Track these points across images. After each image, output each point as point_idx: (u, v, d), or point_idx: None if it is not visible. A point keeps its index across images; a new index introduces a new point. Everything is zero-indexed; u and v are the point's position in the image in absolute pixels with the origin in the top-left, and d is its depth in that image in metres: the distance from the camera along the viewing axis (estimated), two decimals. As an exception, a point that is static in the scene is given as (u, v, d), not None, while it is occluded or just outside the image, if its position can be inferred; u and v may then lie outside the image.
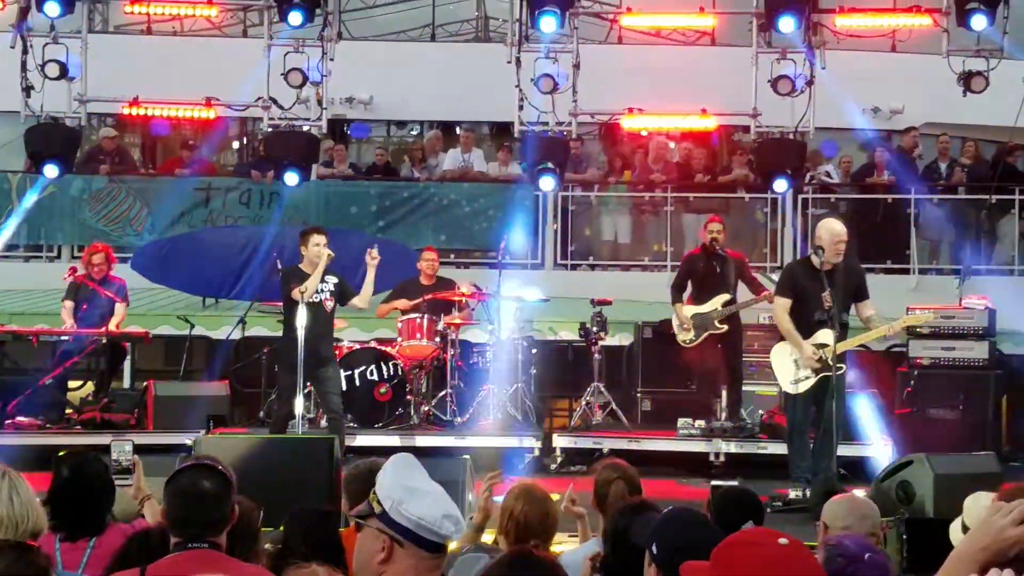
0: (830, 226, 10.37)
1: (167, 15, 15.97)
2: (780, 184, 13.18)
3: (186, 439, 10.46)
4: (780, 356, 10.32)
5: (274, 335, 13.42)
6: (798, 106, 12.91)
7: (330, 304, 10.94)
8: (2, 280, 16.00)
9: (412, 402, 12.41)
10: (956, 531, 5.32)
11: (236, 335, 13.80)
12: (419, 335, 12.41)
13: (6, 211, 15.99)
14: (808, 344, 10.01)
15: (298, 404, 11.10)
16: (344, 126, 18.80)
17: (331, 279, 10.90)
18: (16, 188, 16.22)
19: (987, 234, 16.09)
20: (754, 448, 11.84)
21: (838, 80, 14.19)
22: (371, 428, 12.14)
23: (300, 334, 10.61)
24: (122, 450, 5.50)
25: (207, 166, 17.30)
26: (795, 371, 10.13)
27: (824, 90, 13.40)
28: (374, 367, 12.36)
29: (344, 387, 11.67)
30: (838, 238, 10.05)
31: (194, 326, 13.73)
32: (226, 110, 14.24)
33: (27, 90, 13.03)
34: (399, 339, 12.53)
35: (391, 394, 12.41)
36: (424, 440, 11.82)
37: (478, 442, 11.89)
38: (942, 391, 12.23)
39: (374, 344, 12.68)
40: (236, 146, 19.85)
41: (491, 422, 12.37)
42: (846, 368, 10.08)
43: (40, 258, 17.00)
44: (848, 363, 10.57)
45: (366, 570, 3.36)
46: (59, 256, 16.59)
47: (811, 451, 10.16)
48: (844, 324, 10.05)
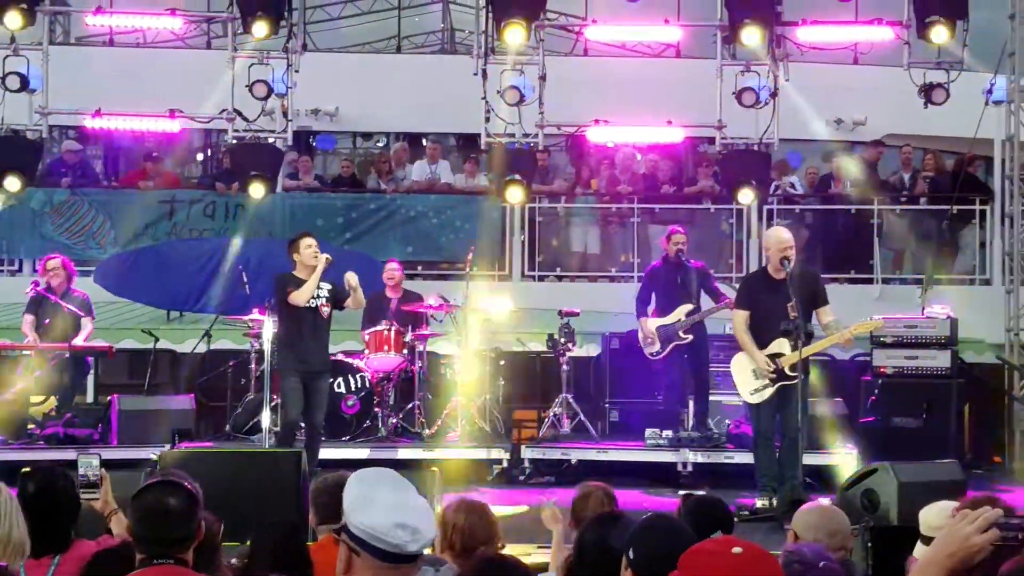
0: (776, 234, 10.42)
1: (130, 27, 15.89)
2: (745, 195, 13.25)
3: (151, 454, 10.40)
4: (739, 367, 10.36)
5: (240, 348, 13.43)
6: (762, 118, 13.00)
7: (326, 311, 10.69)
8: (-37, 295, 15.85)
9: (380, 414, 12.39)
10: (919, 548, 5.33)
11: (201, 348, 13.76)
12: (386, 347, 12.39)
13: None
14: (762, 354, 10.06)
15: (265, 416, 11.09)
16: (310, 138, 18.76)
17: (325, 285, 10.67)
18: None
19: (949, 244, 16.21)
20: (721, 458, 11.87)
21: (802, 92, 14.33)
22: (339, 441, 12.09)
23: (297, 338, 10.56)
24: (89, 464, 5.43)
25: (171, 178, 17.22)
26: (753, 381, 10.18)
27: (788, 102, 13.52)
28: (341, 380, 12.33)
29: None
30: (784, 245, 10.07)
31: (158, 340, 13.64)
32: (190, 122, 14.17)
33: (-12, 102, 12.97)
34: (366, 351, 12.50)
35: (359, 407, 12.38)
36: (392, 452, 11.81)
37: (446, 454, 11.90)
38: (906, 400, 12.30)
39: (341, 356, 12.62)
40: (201, 158, 19.75)
41: (459, 434, 12.38)
42: (803, 377, 10.03)
43: (1, 272, 16.79)
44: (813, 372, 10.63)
45: None
46: (20, 270, 16.40)
47: (777, 460, 10.20)
48: (809, 333, 10.08)
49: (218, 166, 18.14)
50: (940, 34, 12.35)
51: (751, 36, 12.58)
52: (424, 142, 17.94)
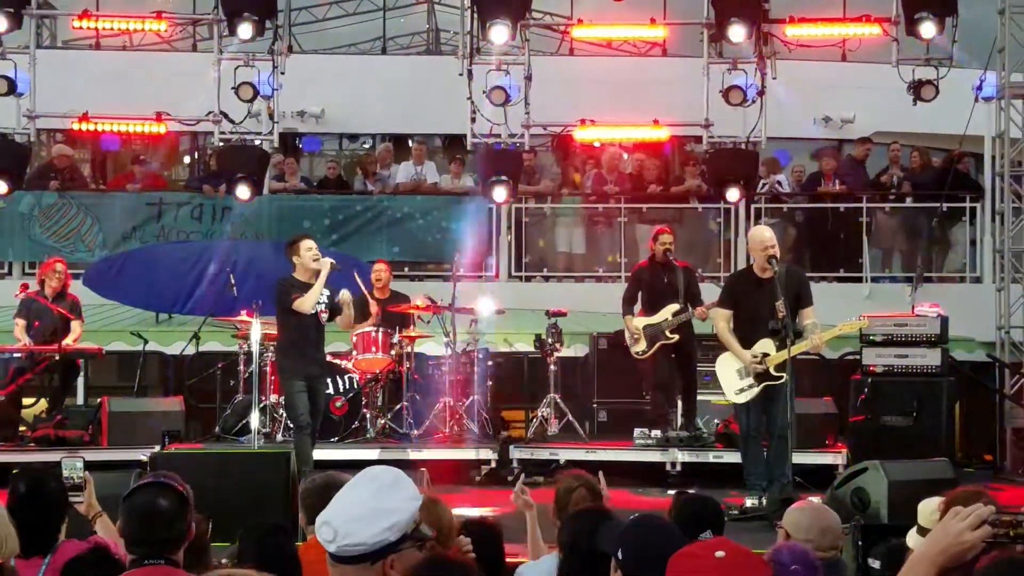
0: (757, 234, 10.40)
1: (116, 30, 15.85)
2: (732, 194, 13.26)
3: (141, 455, 10.39)
4: (724, 366, 10.34)
5: (228, 350, 13.42)
6: (750, 116, 13.00)
7: (324, 316, 10.55)
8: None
9: (368, 415, 12.38)
10: (912, 537, 5.34)
11: (190, 350, 13.74)
12: (374, 348, 12.38)
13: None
14: (747, 352, 10.05)
15: (254, 418, 11.06)
16: (296, 140, 18.73)
17: (324, 291, 10.48)
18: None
19: (939, 242, 16.21)
20: (710, 457, 11.87)
21: (789, 90, 14.32)
22: (327, 442, 12.04)
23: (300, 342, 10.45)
24: (73, 467, 5.43)
25: (158, 181, 17.18)
26: (738, 381, 10.16)
27: (775, 100, 13.51)
28: (329, 381, 12.27)
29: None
30: (767, 244, 10.05)
31: (147, 342, 13.64)
32: (177, 125, 14.15)
33: (-25, 106, 12.96)
34: (354, 352, 12.49)
35: (347, 407, 12.38)
36: (380, 453, 11.79)
37: (434, 454, 11.88)
38: (896, 398, 12.26)
39: (329, 357, 12.59)
40: (187, 161, 19.72)
41: (447, 434, 12.37)
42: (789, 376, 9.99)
43: (-10, 275, 16.81)
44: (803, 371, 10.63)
45: None
46: (10, 273, 16.39)
47: (766, 459, 10.18)
48: (799, 332, 10.05)
49: (205, 168, 18.10)
50: (929, 30, 12.35)
51: (737, 34, 12.57)
52: (410, 143, 17.92)
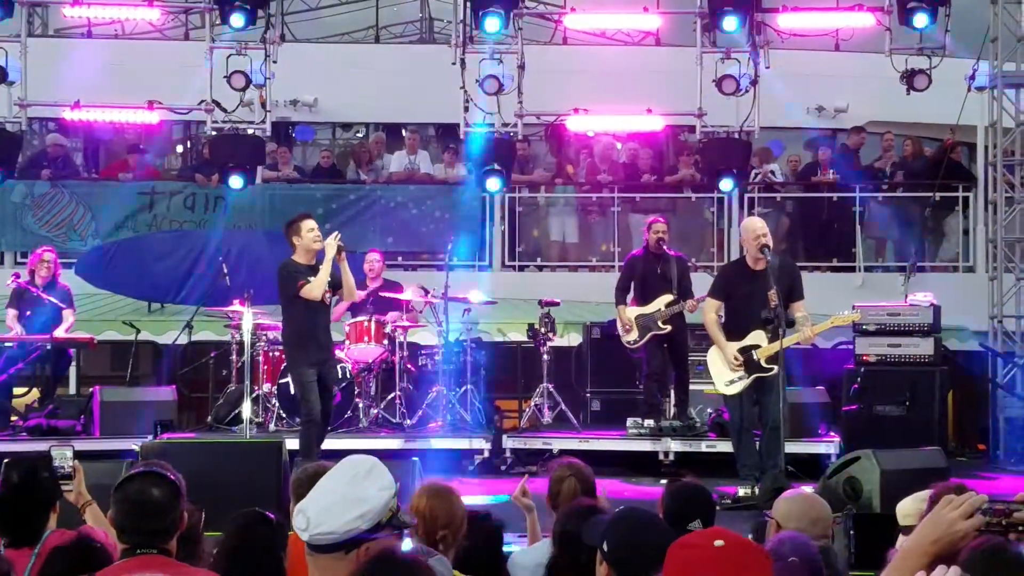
0: (749, 224, 10.45)
1: (107, 18, 15.79)
2: (726, 183, 13.25)
3: (133, 445, 10.40)
4: (714, 358, 10.36)
5: (221, 339, 13.41)
6: (743, 106, 12.98)
7: (329, 295, 10.30)
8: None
9: (361, 405, 12.37)
10: (901, 541, 5.32)
11: (183, 340, 13.73)
12: (367, 338, 12.38)
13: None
14: (732, 345, 10.05)
15: (246, 408, 11.06)
16: (289, 129, 18.66)
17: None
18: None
19: (932, 231, 16.22)
20: (702, 446, 11.88)
21: (782, 79, 14.31)
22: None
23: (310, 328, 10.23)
24: (63, 456, 5.43)
25: (151, 170, 17.15)
26: (728, 372, 10.17)
27: (769, 89, 13.48)
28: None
29: (292, 391, 11.45)
30: (758, 234, 10.05)
31: (140, 331, 13.66)
32: (169, 113, 14.11)
33: (-34, 95, 12.91)
34: (346, 342, 12.47)
35: (340, 397, 12.34)
36: (373, 443, 11.76)
37: (427, 444, 11.88)
38: (889, 388, 12.29)
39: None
40: (180, 150, 19.67)
41: (440, 424, 12.36)
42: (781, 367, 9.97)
43: (-18, 265, 16.80)
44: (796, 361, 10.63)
45: None
46: (2, 263, 16.38)
47: (758, 449, 10.18)
48: (791, 323, 10.06)
49: (198, 157, 18.06)
50: (922, 19, 12.33)
51: (731, 23, 12.55)
52: (403, 132, 17.88)
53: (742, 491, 10.00)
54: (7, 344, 12.39)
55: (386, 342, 12.42)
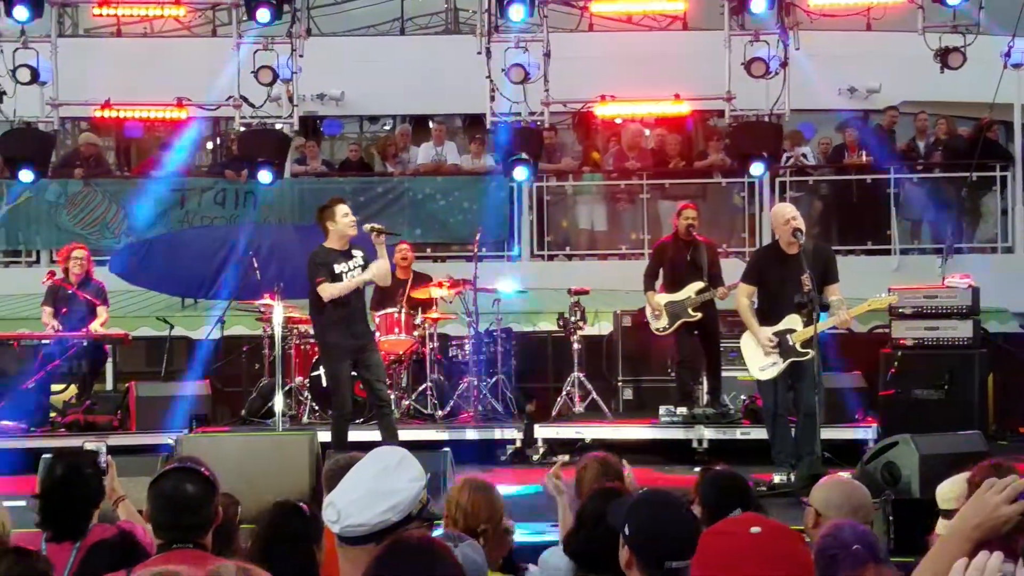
0: (779, 210, 10.30)
1: (136, 16, 15.87)
2: (756, 168, 13.16)
3: (169, 439, 10.47)
4: (748, 343, 10.25)
5: (253, 333, 13.45)
6: (773, 88, 12.88)
7: (358, 273, 9.96)
8: (-18, 286, 15.98)
9: (392, 397, 12.34)
10: (941, 526, 5.24)
11: (216, 335, 13.80)
12: (397, 330, 12.35)
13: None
14: (766, 330, 9.95)
15: (278, 401, 11.07)
16: (316, 123, 18.71)
17: (358, 252, 10.02)
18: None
19: (969, 212, 16.05)
20: (736, 434, 11.77)
21: (813, 61, 14.17)
22: (352, 424, 12.01)
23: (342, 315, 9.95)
24: (97, 451, 5.45)
25: (181, 167, 17.23)
26: (763, 358, 10.06)
27: (799, 71, 13.37)
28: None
29: (324, 384, 11.45)
30: (788, 217, 9.92)
31: (173, 327, 13.75)
32: (198, 110, 14.16)
33: (-1, 95, 12.97)
34: (377, 334, 12.45)
35: (371, 389, 12.34)
36: (405, 434, 11.71)
37: (459, 435, 11.87)
38: (927, 371, 12.12)
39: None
40: (210, 146, 19.75)
41: (472, 414, 12.33)
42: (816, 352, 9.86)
43: (19, 263, 17.05)
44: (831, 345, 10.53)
45: None
46: (38, 261, 16.63)
47: (794, 435, 10.09)
48: (825, 306, 9.96)
49: (227, 153, 18.13)
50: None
51: (759, 4, 12.45)
52: (430, 124, 17.88)
53: (777, 478, 9.91)
54: (44, 341, 12.45)
55: (416, 333, 12.38)
